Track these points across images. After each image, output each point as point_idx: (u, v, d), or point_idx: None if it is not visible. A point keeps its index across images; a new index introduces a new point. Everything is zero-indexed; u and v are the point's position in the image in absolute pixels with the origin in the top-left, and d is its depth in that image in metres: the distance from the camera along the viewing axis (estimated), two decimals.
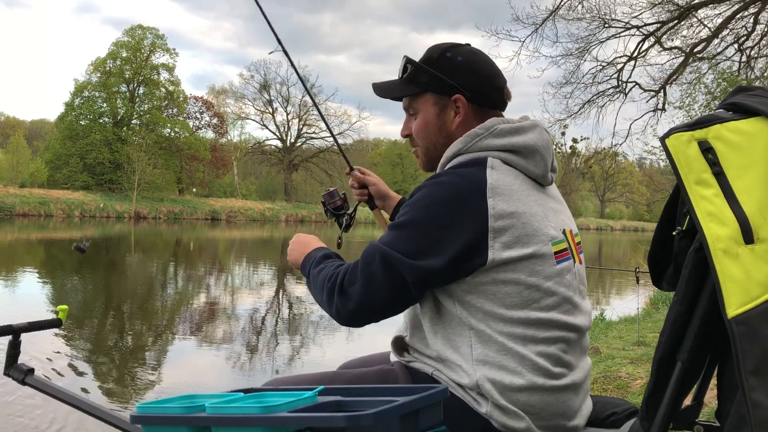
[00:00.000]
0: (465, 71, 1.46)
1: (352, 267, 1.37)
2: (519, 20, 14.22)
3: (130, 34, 51.60)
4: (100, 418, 1.76)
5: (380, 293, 1.32)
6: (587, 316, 1.44)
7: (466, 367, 1.32)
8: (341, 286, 1.35)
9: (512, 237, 1.30)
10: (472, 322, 1.32)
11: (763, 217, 1.07)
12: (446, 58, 1.46)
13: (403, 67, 1.52)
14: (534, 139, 1.41)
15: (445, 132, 1.48)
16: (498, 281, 1.30)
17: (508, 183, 1.33)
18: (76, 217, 39.27)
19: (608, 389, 4.43)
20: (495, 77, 1.49)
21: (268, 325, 9.49)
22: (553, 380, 1.33)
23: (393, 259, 1.30)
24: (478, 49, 1.52)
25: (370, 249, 1.34)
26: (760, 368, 1.00)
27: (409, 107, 1.53)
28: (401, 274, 1.30)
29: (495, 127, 1.40)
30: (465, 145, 1.41)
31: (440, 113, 1.48)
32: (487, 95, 1.48)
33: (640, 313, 7.44)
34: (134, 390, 5.81)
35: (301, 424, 1.02)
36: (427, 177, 1.42)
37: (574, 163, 78.40)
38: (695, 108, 11.12)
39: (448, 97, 1.47)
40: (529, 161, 1.40)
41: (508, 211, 1.30)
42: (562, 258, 1.37)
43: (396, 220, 1.36)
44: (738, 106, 1.17)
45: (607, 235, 63.05)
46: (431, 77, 1.47)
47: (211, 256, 22.28)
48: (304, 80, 2.42)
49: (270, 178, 67.46)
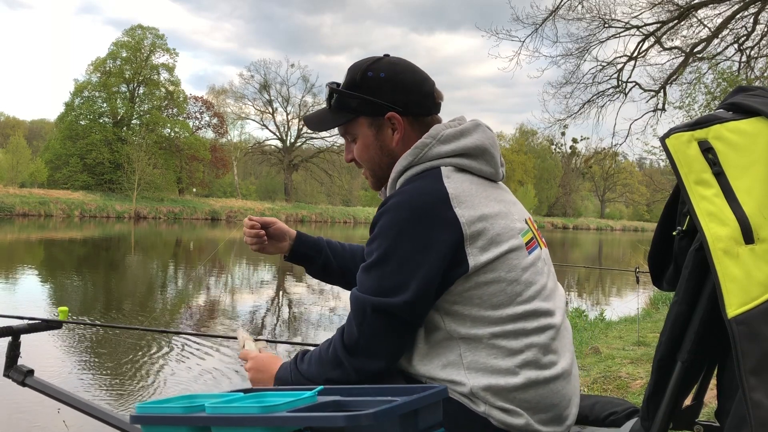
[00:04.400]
0: (390, 87, 1.43)
1: (347, 330, 1.33)
2: (519, 20, 14.26)
3: (130, 34, 51.63)
4: (99, 418, 1.76)
5: (389, 343, 1.31)
6: (562, 297, 1.46)
7: (459, 378, 1.32)
8: (345, 350, 1.32)
9: (486, 240, 1.31)
10: (461, 331, 1.32)
11: (763, 216, 1.07)
12: (369, 78, 1.44)
13: (329, 95, 1.49)
14: (481, 138, 1.42)
15: (387, 151, 1.47)
16: (481, 284, 1.31)
17: (465, 189, 1.34)
18: (76, 217, 39.28)
19: (608, 389, 4.43)
20: (422, 83, 1.46)
21: (268, 324, 9.49)
22: (545, 371, 1.33)
23: (385, 307, 1.28)
24: (398, 58, 1.49)
25: (358, 304, 1.31)
26: (760, 368, 1.00)
27: (346, 133, 1.51)
28: (398, 317, 1.29)
29: (440, 134, 1.40)
30: (415, 157, 1.40)
31: (378, 134, 1.46)
32: (419, 104, 1.46)
33: (640, 313, 7.45)
34: (134, 390, 5.81)
35: (301, 424, 1.02)
36: (382, 202, 1.39)
37: (574, 163, 78.75)
38: (695, 108, 11.13)
39: (381, 116, 1.44)
40: (480, 162, 1.41)
41: (475, 215, 1.31)
42: (531, 248, 1.39)
43: (371, 258, 1.33)
44: (738, 106, 1.17)
45: (607, 235, 63.06)
46: (359, 101, 1.44)
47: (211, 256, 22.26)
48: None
49: (270, 178, 67.51)
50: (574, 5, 13.93)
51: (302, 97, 62.47)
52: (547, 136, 55.83)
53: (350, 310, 1.34)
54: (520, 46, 14.56)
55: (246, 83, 65.13)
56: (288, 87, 62.61)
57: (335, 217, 57.80)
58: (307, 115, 1.57)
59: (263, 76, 62.24)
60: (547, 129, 17.03)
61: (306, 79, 62.96)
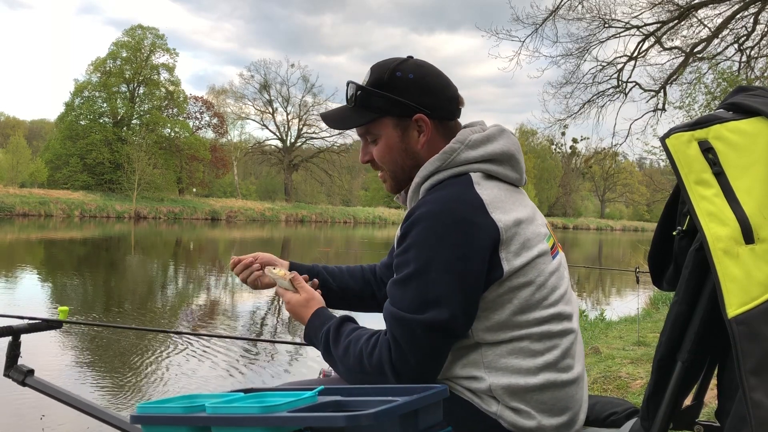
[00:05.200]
0: (419, 88, 1.41)
1: (395, 352, 1.27)
2: (519, 20, 14.26)
3: (130, 34, 51.61)
4: (99, 418, 1.77)
5: (440, 358, 1.30)
6: (575, 303, 1.47)
7: (478, 374, 1.32)
8: (394, 373, 1.27)
9: (518, 244, 1.30)
10: (488, 336, 1.32)
11: (763, 216, 1.07)
12: (397, 78, 1.41)
13: (353, 93, 1.45)
14: (507, 144, 1.41)
15: (411, 153, 1.44)
16: (513, 288, 1.30)
17: (496, 195, 1.33)
18: (76, 217, 39.27)
19: (608, 389, 4.43)
20: (447, 87, 1.45)
21: (268, 324, 9.49)
22: (563, 374, 1.34)
23: (436, 324, 1.25)
24: (423, 61, 1.46)
25: (403, 323, 1.26)
26: (761, 368, 1.00)
27: (367, 133, 1.47)
28: (448, 331, 1.26)
29: (468, 139, 1.39)
30: (443, 162, 1.38)
31: (403, 135, 1.43)
32: (446, 108, 1.44)
33: (640, 313, 7.44)
34: (134, 390, 5.81)
35: (301, 424, 1.02)
36: (409, 210, 1.36)
37: (574, 163, 78.71)
38: (695, 108, 11.13)
39: (408, 118, 1.41)
40: (506, 167, 1.40)
41: (511, 220, 1.30)
42: (555, 252, 1.40)
43: (408, 269, 1.28)
44: (738, 106, 1.17)
45: (607, 235, 63.04)
46: (387, 101, 1.41)
47: (211, 256, 22.29)
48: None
49: (270, 178, 67.50)
50: (574, 5, 13.94)
51: (302, 97, 62.60)
52: (547, 136, 55.75)
53: (390, 327, 1.29)
54: (520, 46, 14.57)
55: (246, 83, 65.27)
56: (288, 87, 62.70)
57: (335, 217, 57.79)
58: (326, 112, 1.53)
59: (263, 76, 62.36)
60: (547, 129, 17.04)
61: (306, 79, 63.14)
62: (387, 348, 1.28)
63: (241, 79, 73.72)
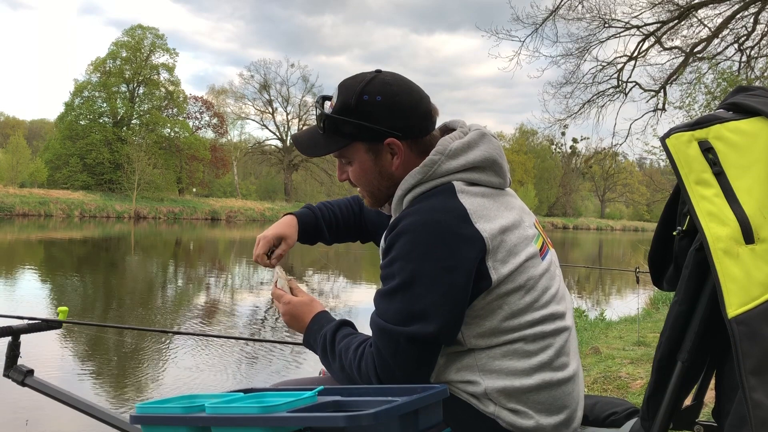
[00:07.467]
0: (389, 111, 1.35)
1: (380, 363, 1.28)
2: (519, 20, 14.25)
3: (130, 34, 51.60)
4: (99, 418, 1.77)
5: (426, 368, 1.30)
6: (569, 300, 1.46)
7: (473, 378, 1.32)
8: (381, 384, 1.28)
9: (505, 252, 1.29)
10: (480, 342, 1.32)
11: (763, 216, 1.07)
12: (365, 102, 1.35)
13: (321, 118, 1.40)
14: (488, 150, 1.38)
15: (386, 175, 1.41)
16: (502, 295, 1.29)
17: (480, 203, 1.32)
18: (76, 217, 39.27)
19: (608, 389, 4.43)
20: (418, 104, 1.39)
21: (268, 324, 9.49)
22: (558, 373, 1.34)
23: (420, 336, 1.24)
24: (391, 75, 1.40)
25: (389, 335, 1.26)
26: (761, 368, 1.00)
27: (341, 156, 1.44)
28: (433, 343, 1.27)
29: (448, 149, 1.35)
30: (424, 175, 1.35)
31: (376, 159, 1.40)
32: (418, 126, 1.39)
33: (640, 313, 7.45)
34: (134, 390, 5.81)
35: (301, 424, 1.02)
36: (393, 220, 1.34)
37: (574, 163, 78.66)
38: (695, 108, 11.13)
39: (380, 142, 1.38)
40: (489, 173, 1.38)
41: (495, 229, 1.29)
42: (544, 253, 1.39)
43: (393, 282, 1.28)
44: (738, 106, 1.17)
45: (607, 235, 63.04)
46: (356, 127, 1.36)
47: (211, 256, 22.28)
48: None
49: (270, 178, 67.50)
50: (574, 5, 13.94)
51: (302, 97, 62.65)
52: (547, 136, 55.79)
53: (375, 338, 1.29)
54: (520, 46, 14.57)
55: (246, 83, 65.20)
56: (288, 87, 62.81)
57: None
58: (297, 135, 1.49)
59: (263, 76, 62.39)
60: (547, 129, 17.03)
61: (306, 79, 63.25)
62: (372, 360, 1.29)
63: (241, 79, 73.74)
